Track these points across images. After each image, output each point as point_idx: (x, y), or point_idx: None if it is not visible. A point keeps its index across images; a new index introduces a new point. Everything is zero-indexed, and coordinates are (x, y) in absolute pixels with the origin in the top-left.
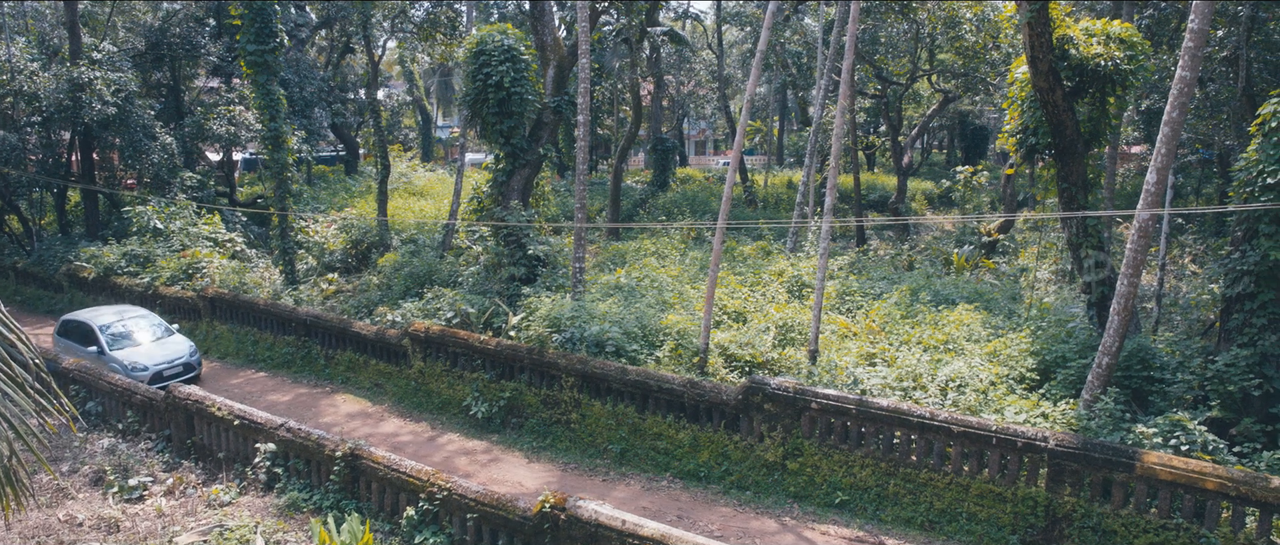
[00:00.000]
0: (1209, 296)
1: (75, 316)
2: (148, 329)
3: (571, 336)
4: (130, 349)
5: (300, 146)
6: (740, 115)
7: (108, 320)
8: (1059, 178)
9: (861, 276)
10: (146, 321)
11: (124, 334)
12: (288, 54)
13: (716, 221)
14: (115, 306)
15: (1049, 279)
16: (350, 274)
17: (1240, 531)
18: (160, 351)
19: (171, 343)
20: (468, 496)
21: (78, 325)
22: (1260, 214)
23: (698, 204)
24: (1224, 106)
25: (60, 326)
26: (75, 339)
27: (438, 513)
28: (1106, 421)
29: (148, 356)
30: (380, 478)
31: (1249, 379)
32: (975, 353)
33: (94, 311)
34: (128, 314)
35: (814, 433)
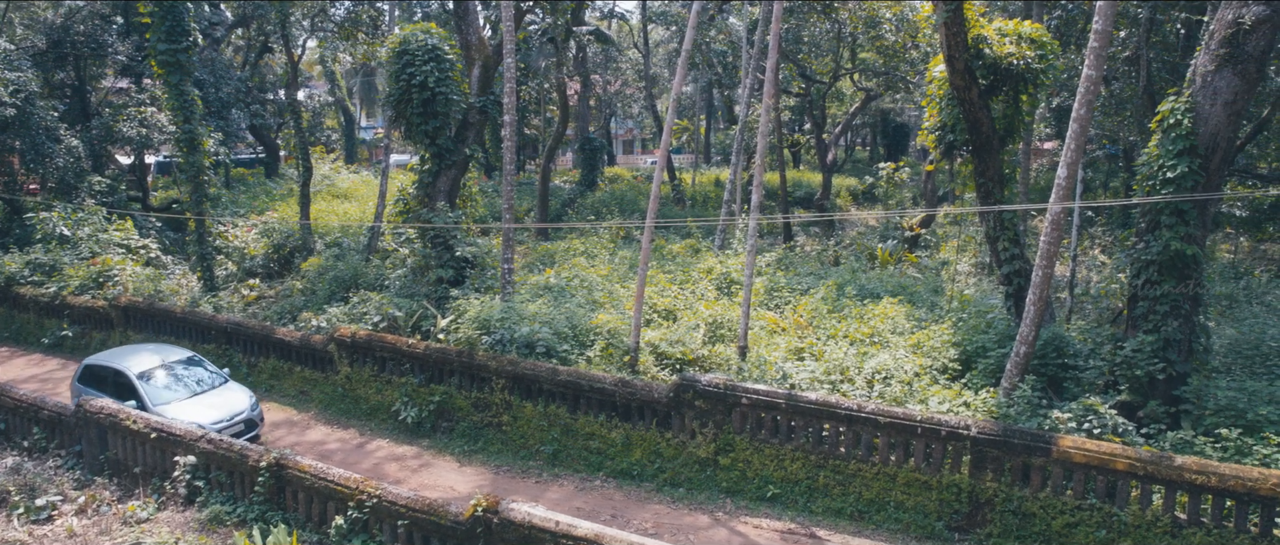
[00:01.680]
0: (1117, 286)
1: (104, 362)
2: (196, 377)
3: (501, 338)
4: (180, 404)
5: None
6: (667, 114)
7: (147, 367)
8: (976, 173)
9: (789, 272)
10: (195, 367)
11: (169, 384)
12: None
13: (645, 220)
14: (152, 346)
15: (969, 272)
16: (272, 279)
17: (1148, 509)
18: (217, 406)
19: (228, 394)
20: (398, 503)
21: (108, 373)
22: (1162, 206)
23: (626, 203)
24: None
25: (83, 373)
26: (106, 390)
27: (367, 520)
28: (1025, 408)
29: (203, 413)
30: (307, 487)
31: (1154, 364)
32: (900, 345)
33: (127, 355)
34: (169, 356)
35: (745, 428)
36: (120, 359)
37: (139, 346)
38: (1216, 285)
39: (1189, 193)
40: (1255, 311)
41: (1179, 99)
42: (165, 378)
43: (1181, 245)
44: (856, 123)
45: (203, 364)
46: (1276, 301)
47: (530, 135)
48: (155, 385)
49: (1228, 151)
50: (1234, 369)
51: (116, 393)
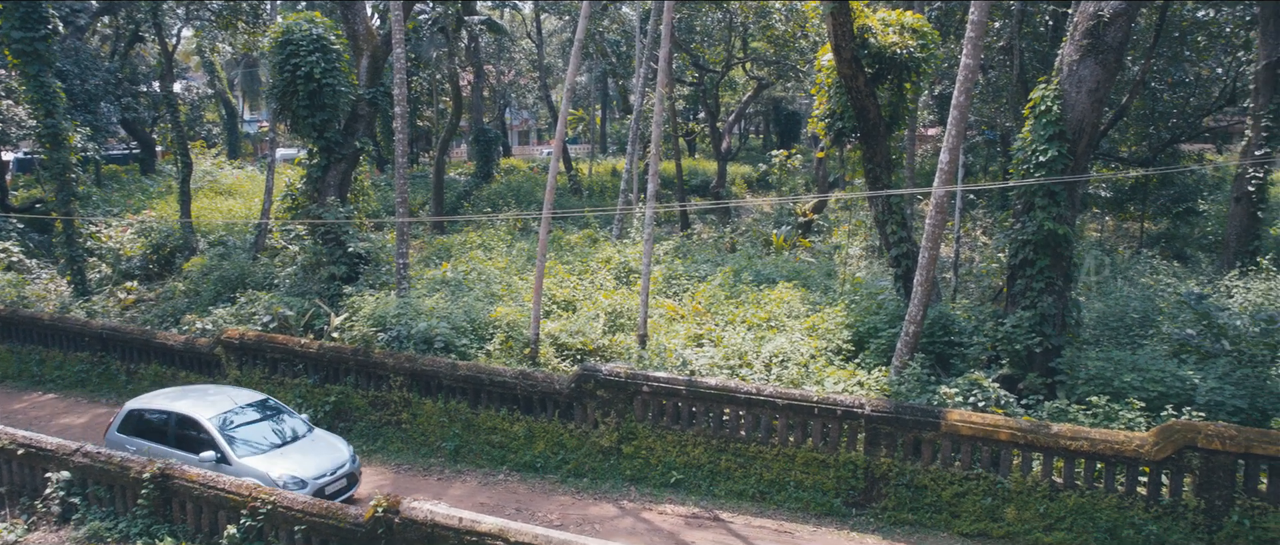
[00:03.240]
0: (997, 265)
1: (158, 405)
2: (278, 423)
3: (398, 335)
4: (269, 456)
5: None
6: (561, 104)
7: (221, 410)
8: (865, 159)
9: (687, 260)
10: (274, 411)
11: (252, 433)
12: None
13: (542, 211)
14: (211, 387)
15: (860, 255)
16: (152, 281)
17: (1028, 475)
18: (315, 456)
19: (322, 443)
20: (294, 508)
21: (168, 420)
22: (1036, 188)
23: (523, 194)
24: (1003, 91)
25: (126, 421)
26: (165, 440)
27: (262, 528)
28: (915, 385)
29: (302, 466)
30: (196, 497)
31: (1032, 338)
32: (796, 328)
33: (187, 397)
34: (241, 398)
35: (647, 416)
36: (181, 402)
37: (193, 387)
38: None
39: (1059, 175)
40: (1119, 286)
41: (1048, 87)
42: (246, 425)
43: (1054, 225)
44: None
45: (281, 408)
46: (1139, 276)
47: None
48: (237, 434)
49: (1093, 136)
50: (1102, 340)
51: (180, 443)
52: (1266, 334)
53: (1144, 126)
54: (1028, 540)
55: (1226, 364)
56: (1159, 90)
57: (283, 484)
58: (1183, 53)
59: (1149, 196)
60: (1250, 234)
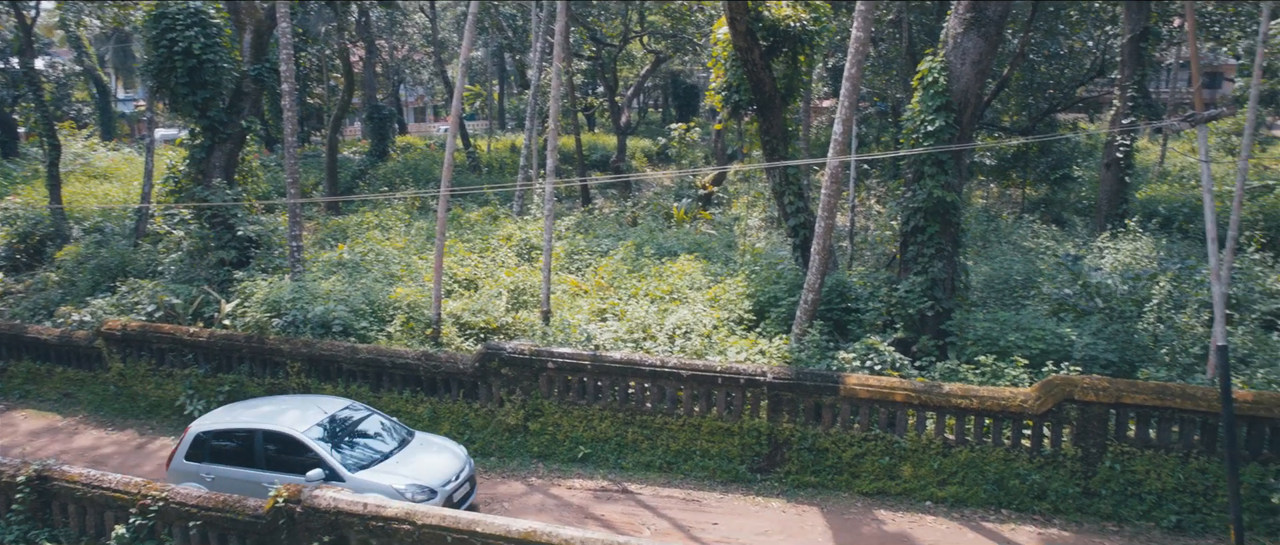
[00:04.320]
0: (891, 232)
1: (237, 423)
2: (376, 430)
3: (294, 319)
4: (385, 469)
5: None
6: (457, 79)
7: (313, 422)
8: (762, 131)
9: (588, 235)
10: (367, 417)
11: (356, 445)
12: None
13: (440, 189)
14: (288, 399)
15: (760, 226)
16: (20, 272)
17: (923, 434)
18: (431, 462)
19: (431, 446)
20: (188, 503)
21: (252, 439)
22: (925, 158)
23: (421, 172)
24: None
25: (195, 447)
26: (256, 463)
27: (154, 526)
28: (814, 352)
29: (426, 474)
30: (78, 498)
31: (924, 302)
32: (698, 300)
33: (265, 411)
34: (329, 407)
35: (552, 392)
36: (261, 418)
37: (260, 400)
38: (972, 228)
39: (946, 145)
40: (1004, 250)
41: (935, 59)
42: (344, 435)
43: (942, 193)
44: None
45: (371, 411)
46: (1022, 240)
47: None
48: (342, 448)
49: (977, 106)
50: (989, 302)
51: (274, 465)
52: (1134, 291)
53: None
54: (923, 496)
55: (1099, 320)
56: (1037, 62)
57: (411, 496)
58: (1058, 27)
59: (1029, 164)
60: (1119, 198)
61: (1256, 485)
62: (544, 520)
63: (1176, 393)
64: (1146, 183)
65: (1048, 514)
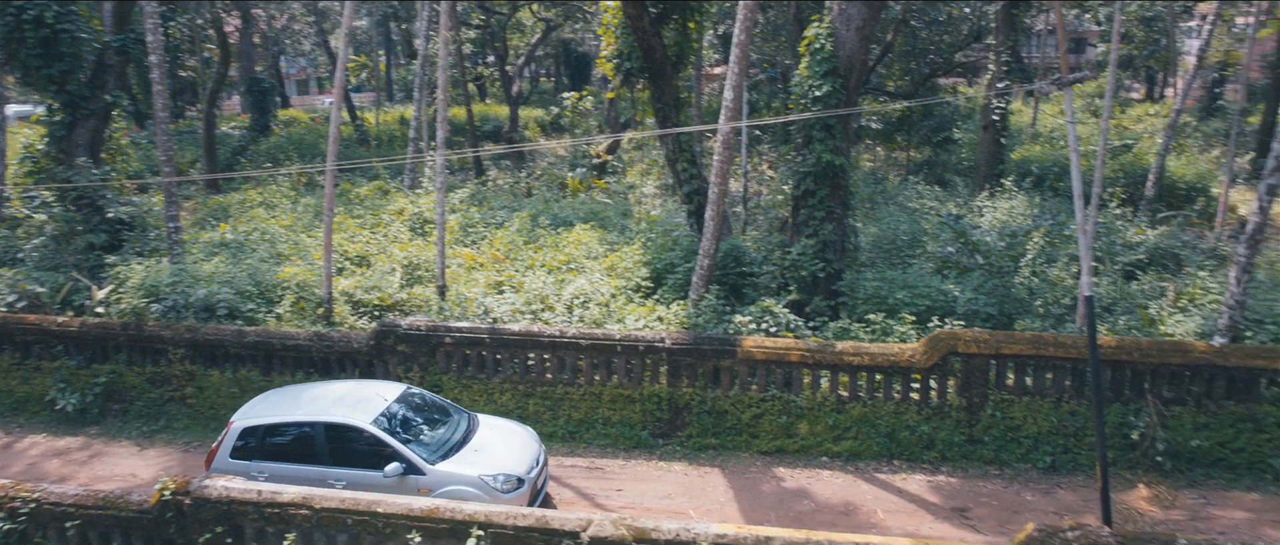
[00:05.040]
0: (783, 196)
1: (292, 415)
2: (440, 417)
3: (174, 304)
4: (462, 454)
5: None
6: (340, 50)
7: (378, 411)
8: (654, 99)
9: (483, 207)
10: (426, 402)
11: (429, 435)
12: None
13: (327, 164)
14: (340, 384)
15: (654, 193)
16: None
17: (818, 391)
18: (510, 448)
19: (502, 431)
20: (64, 502)
21: (311, 433)
22: (813, 122)
23: (306, 147)
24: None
25: (242, 443)
26: (317, 459)
27: (25, 529)
28: (711, 316)
29: (505, 460)
30: None
31: (816, 264)
32: (595, 269)
33: (318, 399)
34: (386, 393)
35: (451, 367)
36: (319, 409)
37: (303, 387)
38: (861, 190)
39: (834, 109)
40: (891, 211)
41: (821, 26)
42: (411, 423)
43: (831, 157)
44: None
45: (427, 396)
46: (907, 201)
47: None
48: (410, 437)
49: (862, 71)
50: (877, 262)
51: (340, 459)
52: (1010, 248)
53: (906, 62)
54: (820, 451)
55: (980, 276)
56: (918, 28)
57: (499, 486)
58: None
59: (913, 127)
60: (996, 159)
61: (1119, 423)
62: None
63: (1050, 342)
64: (1021, 144)
65: (936, 462)
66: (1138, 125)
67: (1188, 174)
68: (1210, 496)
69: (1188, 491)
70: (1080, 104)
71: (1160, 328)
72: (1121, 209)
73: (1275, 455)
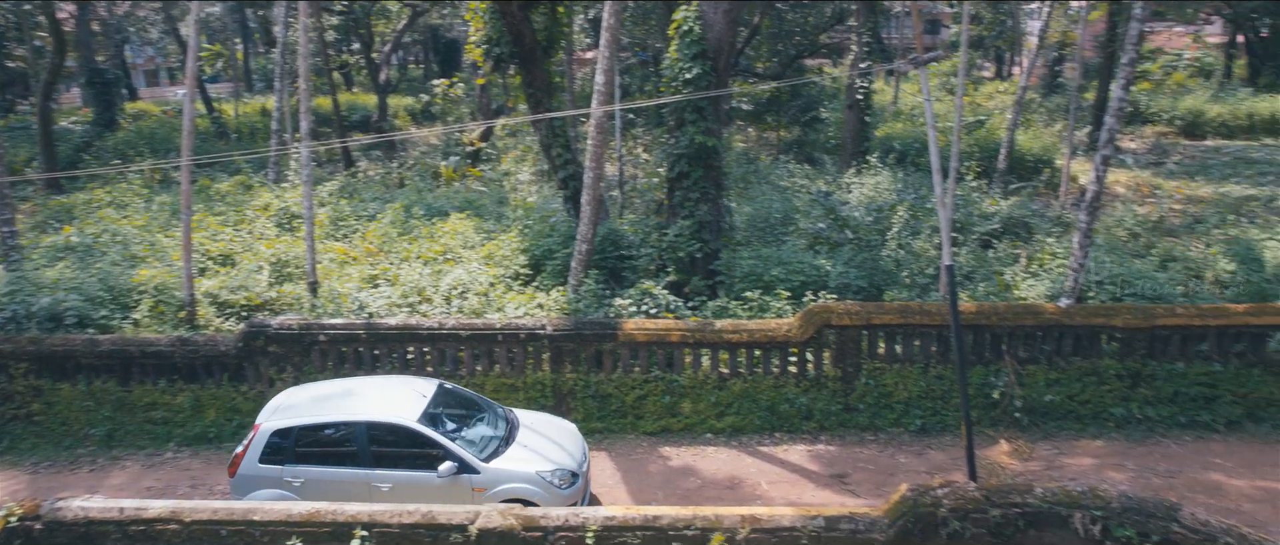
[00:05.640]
0: (658, 179)
1: (326, 416)
2: (475, 412)
3: (14, 315)
4: (513, 451)
5: None
6: (191, 38)
7: (420, 408)
8: (525, 84)
9: (353, 199)
10: (462, 397)
11: (471, 431)
12: None
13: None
14: (367, 381)
15: (530, 180)
16: None
17: (699, 370)
18: (556, 441)
19: (542, 423)
20: None
21: (351, 433)
22: (685, 105)
23: (158, 141)
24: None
25: (273, 446)
26: (360, 461)
27: None
28: (592, 301)
29: (559, 453)
30: None
31: (693, 245)
32: (473, 258)
33: (349, 398)
34: (422, 389)
35: (327, 365)
36: (355, 408)
37: (328, 384)
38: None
39: (704, 91)
40: (764, 190)
41: (689, 8)
42: (454, 420)
43: (704, 138)
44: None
45: (459, 391)
46: (779, 180)
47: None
48: (460, 435)
49: (731, 54)
50: (752, 240)
51: (382, 461)
52: (877, 222)
53: (773, 44)
54: (704, 429)
55: (850, 250)
56: (783, 11)
57: (556, 482)
58: None
59: (782, 108)
60: (861, 136)
61: (981, 384)
62: None
63: (916, 310)
64: (884, 121)
65: (815, 432)
66: (990, 102)
67: (1034, 147)
68: (1062, 446)
69: (1043, 443)
70: (937, 83)
71: (1015, 292)
72: (977, 182)
73: (1116, 404)
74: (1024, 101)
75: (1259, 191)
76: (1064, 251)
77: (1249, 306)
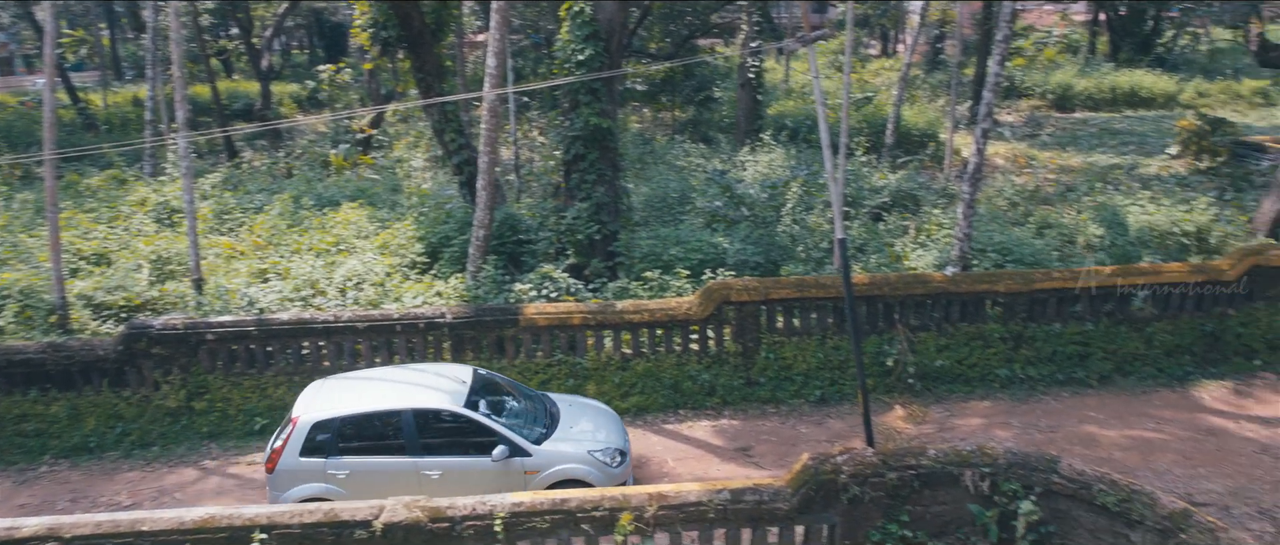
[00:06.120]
0: (554, 162)
1: (369, 405)
2: (518, 396)
3: None
4: (561, 433)
5: None
6: (47, 22)
7: (463, 393)
8: (415, 69)
9: (238, 191)
10: (496, 382)
11: (509, 412)
12: None
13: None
14: (400, 370)
15: (424, 166)
16: None
17: (602, 352)
18: (598, 422)
19: (581, 406)
20: None
21: (397, 421)
22: (579, 87)
23: (17, 135)
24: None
25: (316, 438)
26: (408, 449)
27: None
28: (491, 287)
29: (604, 433)
30: None
31: (591, 227)
32: (367, 248)
33: (387, 385)
34: (458, 374)
35: (216, 365)
36: (398, 395)
37: (358, 376)
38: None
39: (598, 72)
40: (660, 170)
41: None
42: (497, 404)
43: (598, 120)
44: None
45: (494, 376)
46: (675, 160)
47: None
48: (508, 418)
49: (623, 34)
50: (650, 220)
51: (431, 448)
52: (772, 198)
53: (666, 24)
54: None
55: (746, 227)
56: None
57: (608, 461)
58: None
59: (676, 88)
60: (754, 115)
61: (876, 353)
62: (225, 503)
63: (812, 284)
64: (776, 99)
65: (718, 407)
66: (876, 79)
67: (919, 122)
68: (953, 408)
69: (935, 406)
70: (825, 61)
71: (905, 263)
72: (867, 157)
73: (1001, 366)
74: (908, 78)
75: (1122, 160)
76: (950, 222)
77: (1115, 268)
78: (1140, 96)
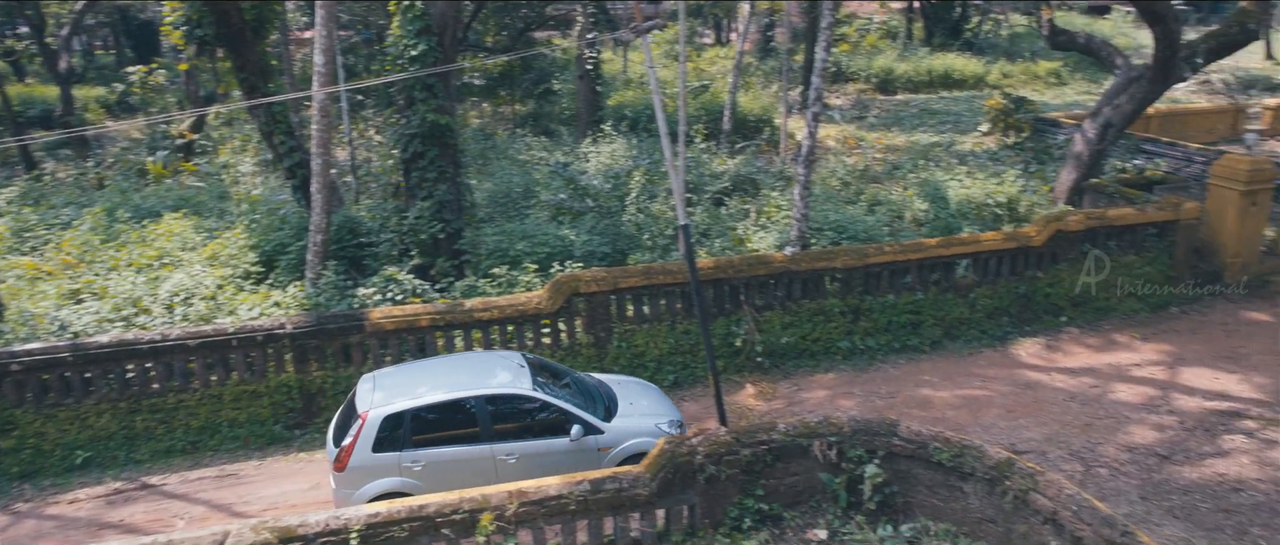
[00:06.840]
0: (392, 161)
1: (440, 394)
2: (569, 376)
3: None
4: (623, 410)
5: None
6: None
7: (529, 377)
8: (237, 68)
9: (41, 206)
10: (546, 365)
11: (570, 393)
12: None
13: None
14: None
15: (254, 171)
16: None
17: (452, 351)
18: (648, 396)
19: (627, 383)
20: None
21: (473, 408)
22: (414, 83)
23: None
24: None
25: (388, 433)
26: (482, 437)
27: None
28: (333, 293)
29: (660, 408)
30: None
31: (434, 226)
32: (195, 261)
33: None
34: (512, 360)
35: (25, 398)
36: (469, 383)
37: (415, 367)
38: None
39: (432, 68)
40: (503, 165)
41: None
42: (564, 388)
43: (436, 116)
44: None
45: (541, 359)
46: (517, 154)
47: None
48: (573, 398)
49: (457, 28)
50: (495, 216)
51: (502, 434)
52: (616, 189)
53: (501, 17)
54: None
55: (592, 219)
56: None
57: (673, 431)
58: None
59: (515, 82)
60: (594, 106)
61: (725, 334)
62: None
63: (659, 271)
64: (616, 90)
65: None
66: (712, 67)
67: (755, 108)
68: (801, 383)
69: (784, 383)
70: (661, 51)
71: (748, 245)
72: (706, 143)
73: (841, 339)
74: (742, 66)
75: (940, 138)
76: (787, 203)
77: (939, 240)
78: (953, 78)
